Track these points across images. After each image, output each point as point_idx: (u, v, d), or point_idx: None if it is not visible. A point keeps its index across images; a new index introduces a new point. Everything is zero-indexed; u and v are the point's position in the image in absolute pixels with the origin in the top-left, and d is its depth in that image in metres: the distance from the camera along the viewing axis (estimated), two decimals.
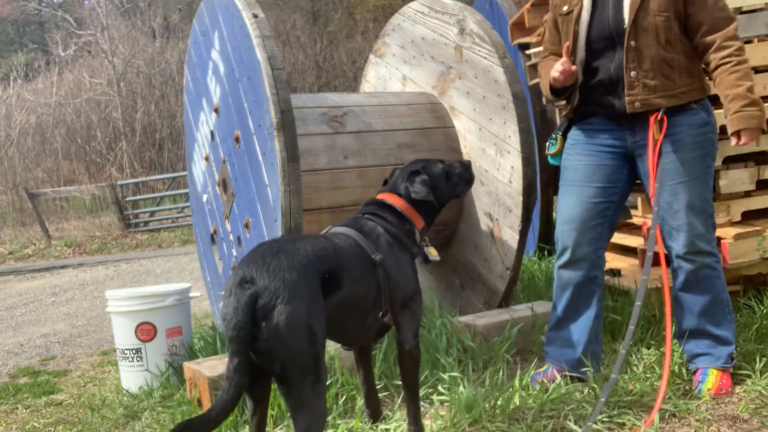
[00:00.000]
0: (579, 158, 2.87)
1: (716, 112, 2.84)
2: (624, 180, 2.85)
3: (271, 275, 1.99)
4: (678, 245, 2.73)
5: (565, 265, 2.89)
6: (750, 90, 2.61)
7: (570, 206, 2.88)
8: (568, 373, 2.86)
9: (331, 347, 2.91)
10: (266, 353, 1.96)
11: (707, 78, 2.79)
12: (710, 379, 2.69)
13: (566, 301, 2.90)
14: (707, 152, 2.73)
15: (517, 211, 3.34)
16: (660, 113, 2.70)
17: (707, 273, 2.73)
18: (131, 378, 3.59)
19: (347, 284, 2.21)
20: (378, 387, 2.81)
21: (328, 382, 2.77)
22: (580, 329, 2.88)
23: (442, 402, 2.73)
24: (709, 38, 2.67)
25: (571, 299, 2.89)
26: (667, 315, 2.62)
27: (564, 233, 2.88)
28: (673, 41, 2.69)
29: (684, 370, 2.82)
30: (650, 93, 2.68)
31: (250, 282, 1.98)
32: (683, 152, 2.70)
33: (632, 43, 2.69)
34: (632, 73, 2.69)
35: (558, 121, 4.61)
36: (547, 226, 5.47)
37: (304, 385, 1.99)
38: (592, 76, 2.79)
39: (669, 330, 2.63)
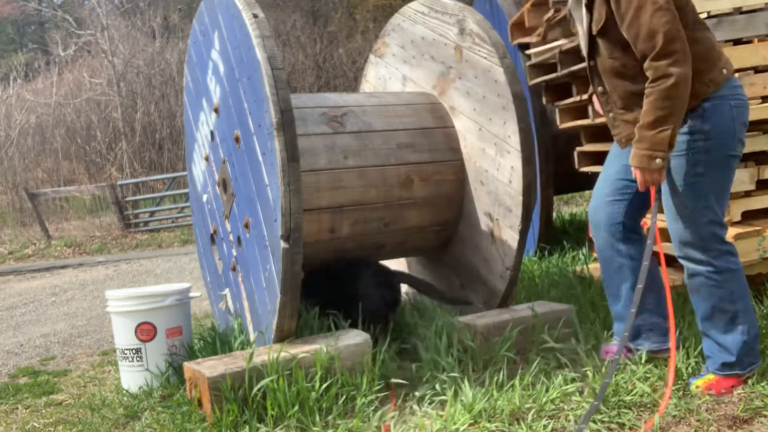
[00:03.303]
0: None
1: None
2: None
3: None
4: (673, 248, 2.76)
5: (593, 234, 3.00)
6: (646, 126, 2.50)
7: (599, 180, 2.99)
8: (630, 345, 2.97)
9: (332, 348, 2.91)
10: None
11: (707, 81, 2.61)
12: (702, 380, 2.69)
13: (601, 273, 3.01)
14: (695, 161, 2.60)
15: (517, 211, 3.34)
16: None
17: (701, 281, 2.68)
18: (131, 378, 3.59)
19: None
20: (377, 387, 2.82)
21: (328, 382, 2.78)
22: (620, 302, 2.97)
23: (442, 402, 2.73)
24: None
25: (603, 270, 3.00)
26: (671, 317, 2.63)
27: (591, 204, 3.01)
28: (637, 74, 2.60)
29: (683, 371, 2.81)
30: (632, 127, 2.67)
31: None
32: (671, 160, 2.65)
33: (600, 89, 2.77)
34: (610, 114, 2.78)
35: (558, 121, 4.63)
36: (547, 226, 5.47)
37: None
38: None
39: (673, 334, 2.63)
